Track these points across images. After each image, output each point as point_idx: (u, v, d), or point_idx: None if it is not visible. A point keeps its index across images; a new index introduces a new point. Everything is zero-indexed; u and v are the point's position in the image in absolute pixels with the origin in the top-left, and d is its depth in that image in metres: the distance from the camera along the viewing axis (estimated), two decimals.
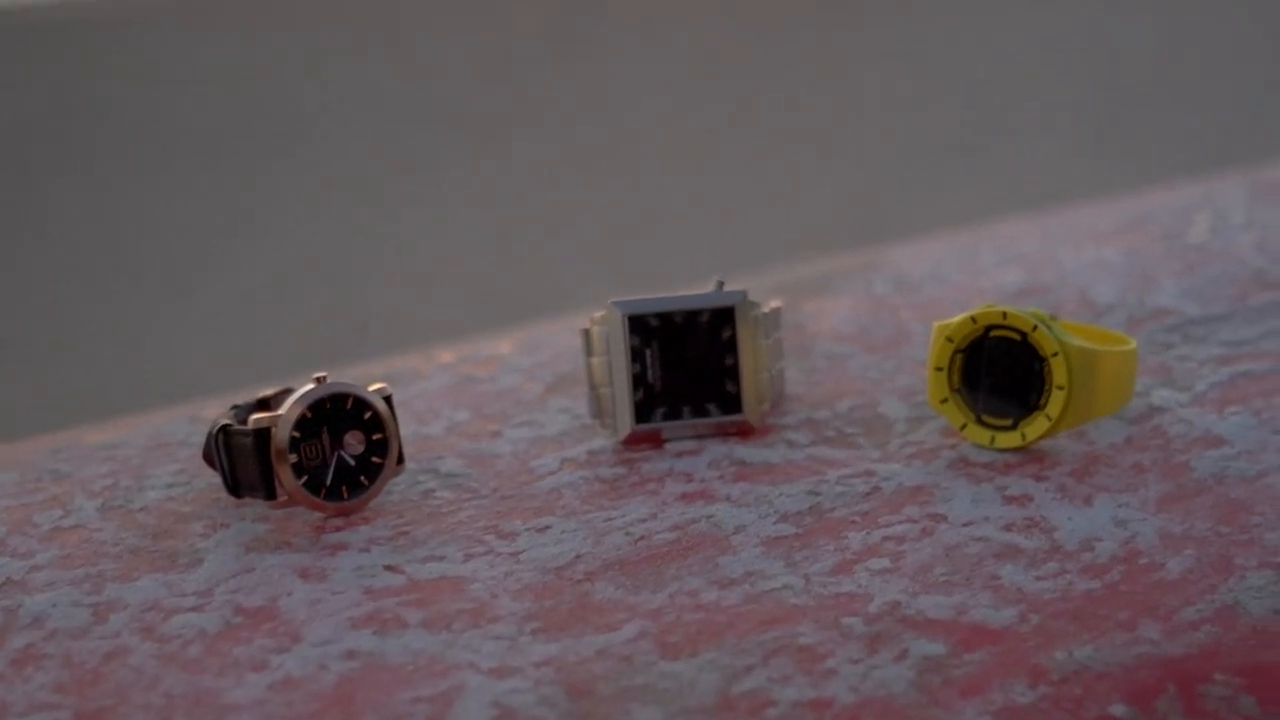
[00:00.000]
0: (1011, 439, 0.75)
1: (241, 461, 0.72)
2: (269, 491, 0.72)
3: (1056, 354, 0.74)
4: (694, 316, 0.78)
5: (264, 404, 0.78)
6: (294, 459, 0.71)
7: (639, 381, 0.78)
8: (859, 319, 0.95)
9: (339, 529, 0.72)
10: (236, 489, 0.73)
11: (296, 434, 0.71)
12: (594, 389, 0.79)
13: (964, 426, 0.76)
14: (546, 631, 0.63)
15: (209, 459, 0.75)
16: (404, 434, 0.80)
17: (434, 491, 0.75)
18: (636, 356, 0.77)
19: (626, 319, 0.77)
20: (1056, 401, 0.74)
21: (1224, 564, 0.66)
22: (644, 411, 0.78)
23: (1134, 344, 0.78)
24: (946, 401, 0.76)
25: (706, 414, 0.78)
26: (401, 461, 0.74)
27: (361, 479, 0.73)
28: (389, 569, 0.68)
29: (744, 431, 0.79)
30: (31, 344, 3.41)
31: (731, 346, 0.78)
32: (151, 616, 0.66)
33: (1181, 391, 0.81)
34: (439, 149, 4.54)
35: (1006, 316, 0.75)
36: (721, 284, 0.79)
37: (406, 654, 0.62)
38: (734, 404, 0.78)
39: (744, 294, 0.78)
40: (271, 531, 0.72)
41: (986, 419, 0.76)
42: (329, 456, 0.72)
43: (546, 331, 0.96)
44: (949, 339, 0.76)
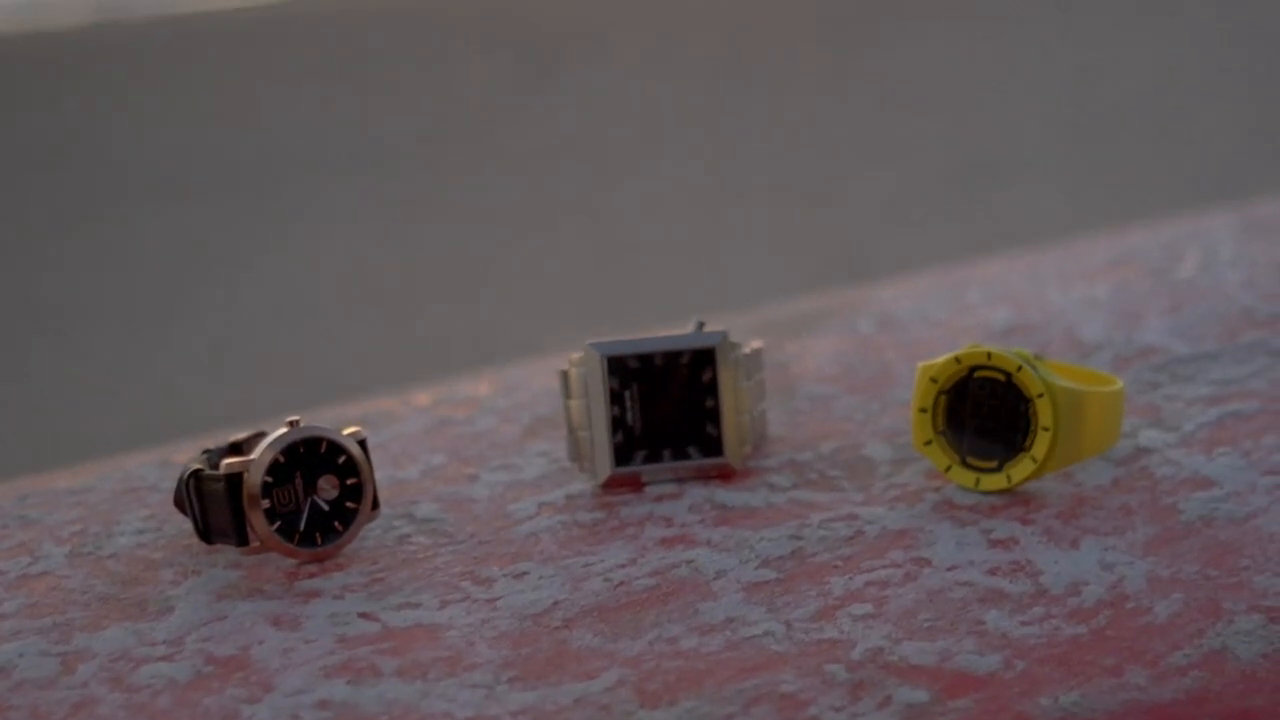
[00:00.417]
0: (997, 481, 0.75)
1: (213, 507, 0.72)
2: (241, 538, 0.72)
3: (1042, 395, 0.74)
4: (674, 358, 0.78)
5: (236, 448, 0.78)
6: (266, 504, 0.71)
7: (618, 424, 0.78)
8: (843, 359, 0.95)
9: (312, 576, 0.72)
10: (208, 535, 0.73)
11: (269, 479, 0.71)
12: (572, 432, 0.79)
13: (949, 469, 0.76)
14: (524, 680, 0.63)
15: (180, 504, 0.75)
16: (379, 478, 0.80)
17: (409, 537, 0.76)
18: (615, 399, 0.78)
19: (605, 360, 0.78)
20: (1042, 443, 0.74)
21: (1212, 608, 0.66)
22: (623, 455, 0.78)
23: (1121, 384, 0.79)
24: (931, 444, 0.77)
25: (687, 457, 0.78)
26: (376, 506, 0.74)
27: (335, 524, 0.73)
28: (363, 616, 0.68)
29: (725, 474, 0.79)
30: None
31: (712, 388, 0.78)
32: (121, 666, 0.66)
33: (1169, 432, 0.82)
34: (415, 189, 4.54)
35: (991, 357, 0.75)
36: (702, 325, 0.79)
37: (381, 704, 0.62)
38: (715, 447, 0.78)
39: (724, 335, 0.78)
40: (243, 578, 0.72)
41: (971, 461, 0.76)
42: (302, 502, 0.72)
43: (524, 373, 0.97)
44: (933, 380, 0.76)
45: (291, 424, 0.72)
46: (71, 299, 3.88)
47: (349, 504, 0.73)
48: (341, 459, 0.73)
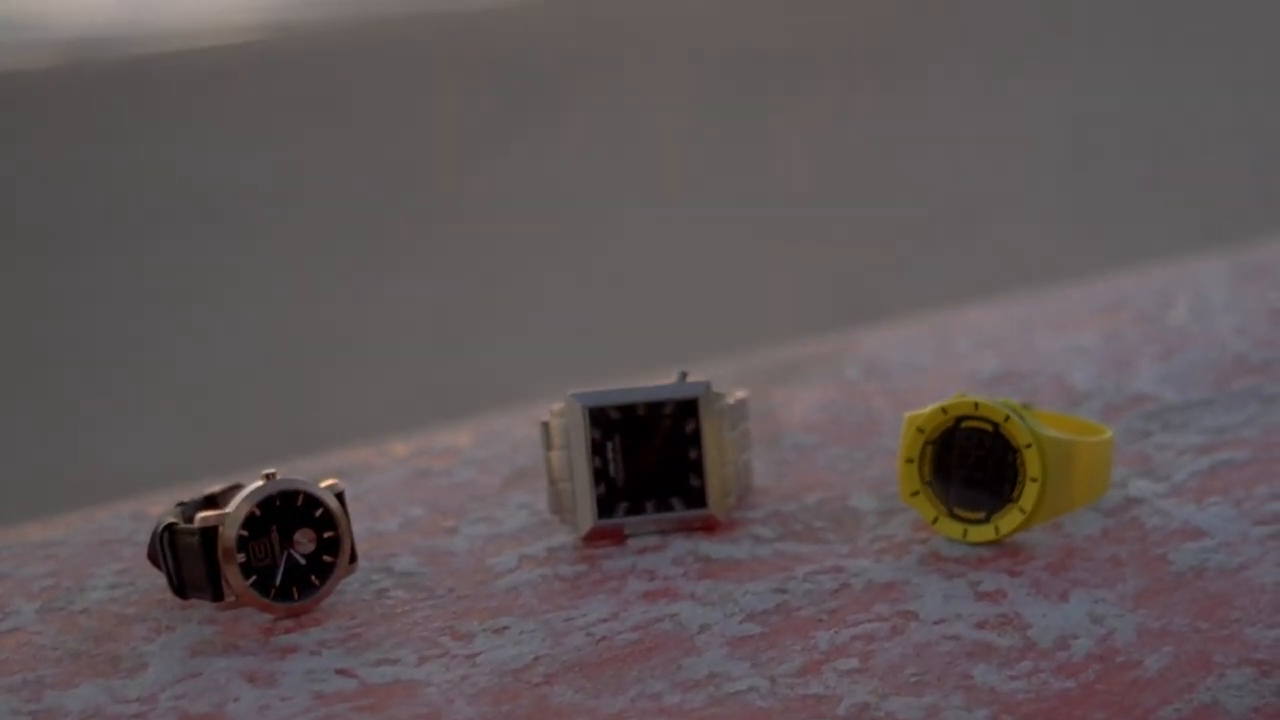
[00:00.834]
0: (985, 533, 0.76)
1: (187, 561, 0.73)
2: (216, 592, 0.72)
3: (1030, 445, 0.75)
4: (657, 409, 0.78)
5: (211, 501, 0.78)
6: (242, 558, 0.71)
7: (600, 476, 0.78)
8: (829, 407, 0.95)
9: (289, 631, 0.72)
10: (182, 590, 0.74)
11: (244, 532, 0.72)
12: (554, 484, 0.80)
13: (936, 520, 0.77)
14: None
15: (154, 558, 0.75)
16: (357, 531, 0.81)
17: (388, 591, 0.76)
18: (597, 450, 0.78)
19: (587, 411, 0.78)
20: (1030, 494, 0.75)
21: (1203, 661, 0.66)
22: (606, 507, 0.78)
23: (1110, 433, 0.79)
24: (918, 494, 0.77)
25: (670, 509, 0.79)
26: (354, 560, 0.75)
27: (312, 578, 0.73)
28: (341, 673, 0.69)
29: (709, 526, 0.79)
30: None
31: (696, 439, 0.78)
32: None
33: (1160, 481, 0.82)
34: (393, 234, 4.55)
35: (978, 407, 0.76)
36: (685, 375, 0.80)
37: None
38: (699, 498, 0.79)
39: (708, 385, 0.79)
40: (219, 634, 0.72)
41: (959, 512, 0.77)
42: (278, 555, 0.72)
43: (505, 423, 0.97)
44: (920, 430, 0.77)
45: (268, 476, 0.72)
46: (42, 346, 3.88)
47: (326, 558, 0.73)
48: (318, 512, 0.73)
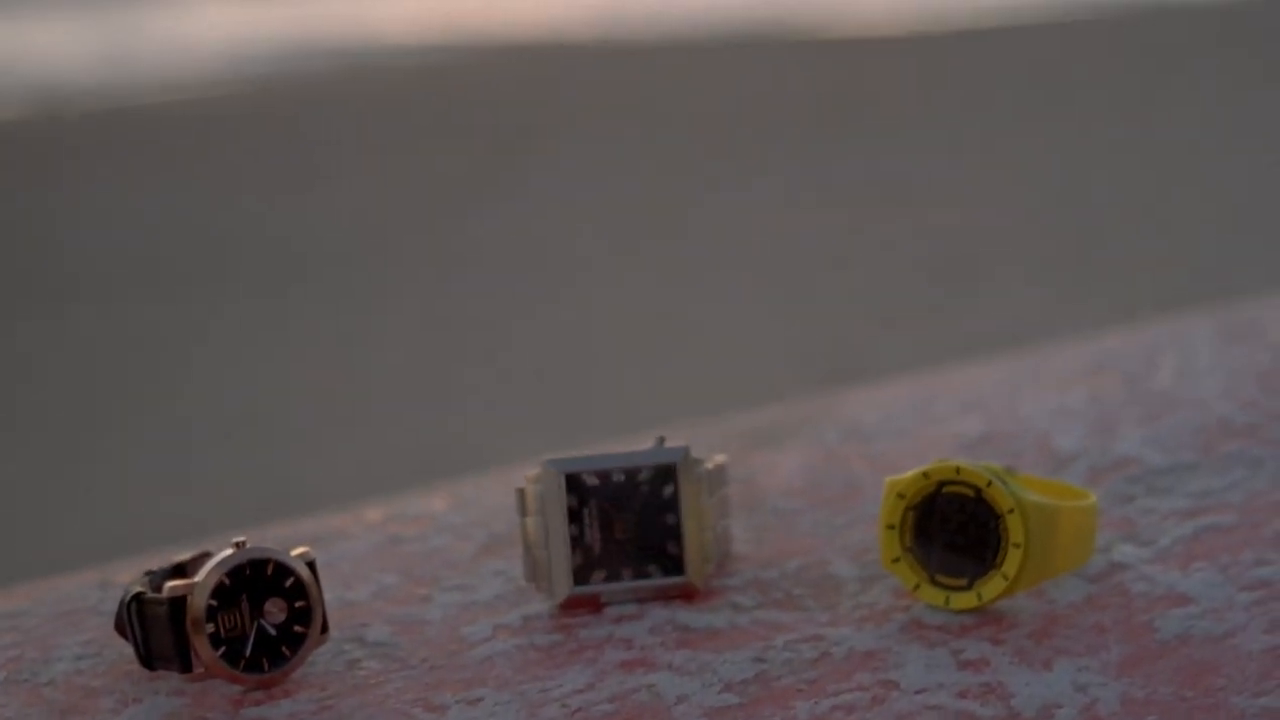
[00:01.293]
0: (967, 599, 0.76)
1: (155, 632, 0.73)
2: (184, 664, 0.72)
3: (1013, 511, 0.75)
4: (634, 474, 0.79)
5: (180, 569, 0.78)
6: (211, 629, 0.72)
7: (576, 543, 0.78)
8: (809, 471, 0.96)
9: (259, 703, 0.72)
10: (150, 661, 0.74)
11: (214, 602, 0.72)
12: (529, 551, 0.80)
13: (917, 587, 0.77)
14: None
15: (121, 629, 0.76)
16: (328, 600, 0.81)
17: (360, 661, 0.76)
18: (574, 517, 0.78)
19: (563, 478, 0.78)
20: (1014, 560, 0.75)
21: None
22: (582, 575, 0.79)
23: (1094, 498, 0.80)
24: (899, 561, 0.77)
25: (648, 576, 0.79)
26: (325, 630, 0.75)
27: (283, 649, 0.73)
28: None
29: (687, 594, 0.80)
30: None
31: (673, 505, 0.79)
32: None
33: (1144, 547, 0.83)
34: (365, 295, 4.55)
35: (960, 472, 0.76)
36: (662, 440, 0.80)
37: None
38: (676, 566, 0.79)
39: (686, 450, 0.79)
40: (187, 706, 0.72)
41: (940, 578, 0.77)
42: (248, 626, 0.73)
43: (479, 488, 0.97)
44: (901, 495, 0.77)
45: (238, 545, 0.73)
46: (3, 408, 3.87)
47: (297, 628, 0.73)
48: (289, 581, 0.73)
